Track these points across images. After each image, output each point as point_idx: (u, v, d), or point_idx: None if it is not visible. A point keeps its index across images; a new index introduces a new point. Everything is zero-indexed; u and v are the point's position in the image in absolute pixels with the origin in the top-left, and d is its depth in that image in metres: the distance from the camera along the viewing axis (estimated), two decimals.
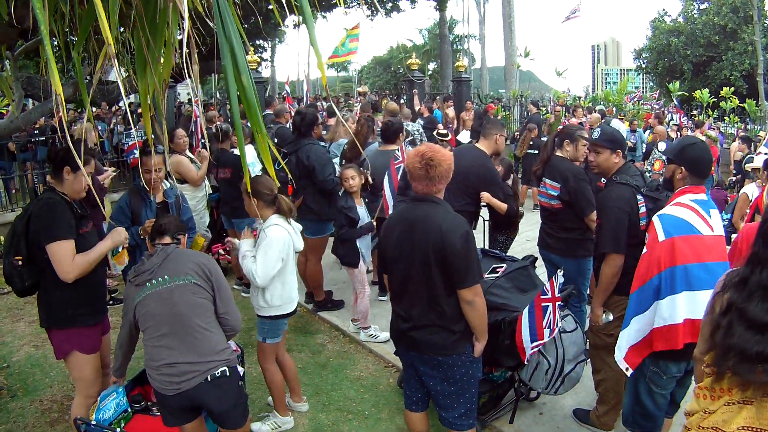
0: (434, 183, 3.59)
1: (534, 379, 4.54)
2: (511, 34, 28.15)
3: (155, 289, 3.50)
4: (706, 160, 3.75)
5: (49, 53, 1.57)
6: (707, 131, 14.92)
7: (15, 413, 5.08)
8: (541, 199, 5.61)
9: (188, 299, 3.50)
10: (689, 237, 3.47)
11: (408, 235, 3.62)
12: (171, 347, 3.45)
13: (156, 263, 3.56)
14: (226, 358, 3.55)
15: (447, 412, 3.80)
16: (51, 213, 3.81)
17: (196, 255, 3.69)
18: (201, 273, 3.58)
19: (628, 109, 18.89)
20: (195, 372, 3.42)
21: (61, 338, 4.05)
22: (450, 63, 31.94)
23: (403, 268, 3.67)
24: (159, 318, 3.48)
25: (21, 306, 7.30)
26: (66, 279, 3.76)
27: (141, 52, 2.11)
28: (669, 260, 3.45)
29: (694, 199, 3.62)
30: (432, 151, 3.59)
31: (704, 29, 37.53)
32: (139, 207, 4.58)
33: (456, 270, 3.48)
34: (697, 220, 3.54)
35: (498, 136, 6.04)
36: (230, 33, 1.80)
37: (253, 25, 15.33)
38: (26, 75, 10.63)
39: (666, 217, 3.57)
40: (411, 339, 3.71)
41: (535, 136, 12.63)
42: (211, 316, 3.59)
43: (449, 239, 3.45)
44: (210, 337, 3.50)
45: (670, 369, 3.67)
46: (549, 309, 4.02)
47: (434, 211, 3.60)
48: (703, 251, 3.47)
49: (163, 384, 3.45)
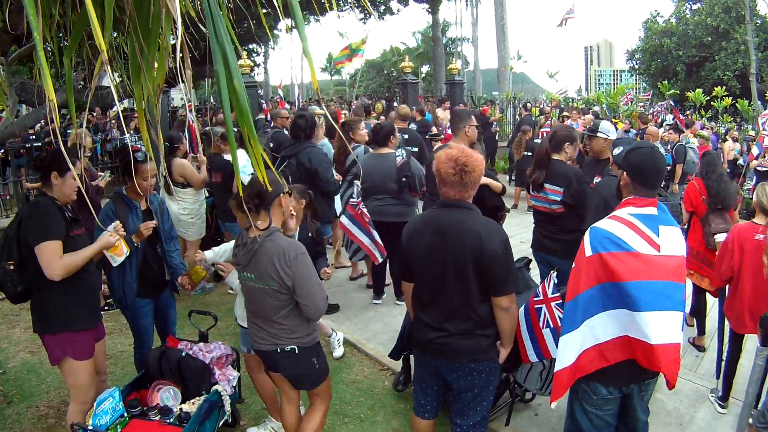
0: (467, 189, 3.51)
1: (529, 381, 4.56)
2: (504, 36, 28.17)
3: (245, 281, 3.87)
4: (652, 168, 3.37)
5: (41, 59, 1.57)
6: (699, 131, 14.94)
7: (11, 419, 5.07)
8: (539, 204, 5.56)
9: (268, 302, 3.77)
10: (618, 254, 3.13)
11: (439, 242, 3.51)
12: (255, 321, 3.93)
13: (245, 260, 3.76)
14: (298, 339, 3.86)
15: (463, 419, 3.76)
16: (40, 215, 3.84)
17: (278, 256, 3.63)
18: (279, 279, 3.65)
19: (622, 110, 18.91)
20: (269, 343, 3.88)
21: (54, 344, 4.05)
22: (443, 65, 32.08)
23: (434, 275, 3.57)
24: (250, 299, 3.94)
25: (17, 312, 7.28)
26: (53, 278, 3.79)
27: (135, 58, 2.12)
28: (594, 278, 3.18)
29: (635, 213, 3.29)
30: (466, 156, 3.47)
31: (697, 30, 37.67)
32: (125, 214, 4.55)
33: (495, 277, 3.43)
34: (632, 236, 3.19)
35: (467, 128, 5.93)
36: (222, 37, 1.81)
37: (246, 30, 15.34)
38: (20, 81, 10.61)
39: (596, 230, 3.26)
40: (442, 347, 3.62)
41: (529, 138, 12.67)
42: (288, 311, 3.80)
43: (489, 245, 3.37)
44: (284, 327, 3.82)
45: (599, 389, 3.40)
46: (543, 310, 4.02)
47: (468, 217, 3.51)
48: (630, 270, 3.10)
49: (252, 340, 4.01)
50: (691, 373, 5.87)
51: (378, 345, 6.26)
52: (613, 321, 3.21)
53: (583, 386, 3.46)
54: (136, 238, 4.53)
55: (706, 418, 5.11)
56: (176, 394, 4.30)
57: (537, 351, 4.11)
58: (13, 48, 5.04)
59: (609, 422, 3.56)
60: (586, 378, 3.36)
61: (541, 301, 4.02)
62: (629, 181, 3.41)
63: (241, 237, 3.88)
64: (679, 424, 5.03)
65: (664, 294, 3.12)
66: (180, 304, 5.49)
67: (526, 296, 4.38)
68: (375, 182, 6.75)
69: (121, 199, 4.64)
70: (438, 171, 3.52)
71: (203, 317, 4.92)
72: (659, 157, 3.46)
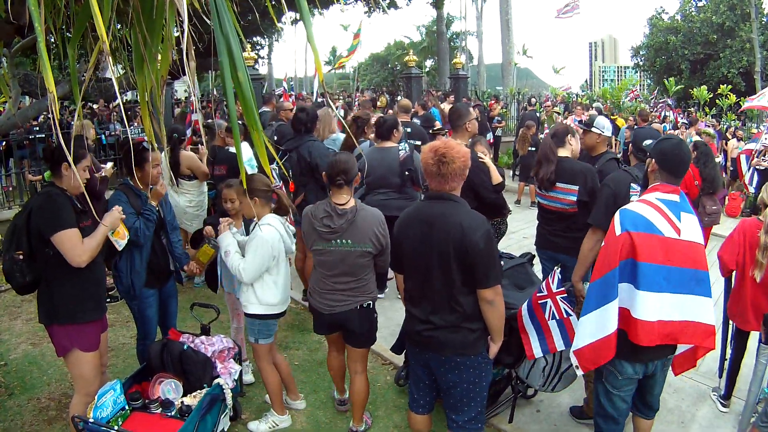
0: (447, 180, 3.50)
1: (531, 377, 4.55)
2: (509, 31, 28.17)
3: (339, 248, 4.25)
4: (678, 156, 3.58)
5: (42, 50, 1.56)
6: (704, 129, 14.92)
7: (12, 411, 5.08)
8: (552, 204, 5.39)
9: (360, 263, 4.29)
10: (647, 235, 3.37)
11: (426, 234, 3.53)
12: (339, 283, 4.33)
13: (344, 227, 4.21)
14: (372, 296, 4.46)
15: (457, 414, 3.74)
16: (52, 205, 3.83)
17: (374, 223, 4.28)
18: (376, 241, 4.28)
19: (626, 106, 18.91)
20: (349, 302, 4.35)
21: (62, 335, 4.04)
22: (447, 60, 32.01)
23: (421, 267, 3.59)
24: (335, 264, 4.30)
25: (18, 304, 7.29)
26: (79, 264, 3.82)
27: (138, 49, 2.11)
28: (627, 253, 3.37)
29: (661, 199, 3.50)
30: (446, 147, 3.49)
31: (702, 27, 37.52)
32: (137, 204, 4.58)
33: (478, 269, 3.41)
34: (659, 219, 3.42)
35: (467, 124, 5.87)
36: (227, 29, 1.79)
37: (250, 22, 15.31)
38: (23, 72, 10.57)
39: (626, 212, 3.47)
40: (429, 340, 3.62)
41: (533, 133, 12.64)
42: (370, 269, 4.43)
43: (471, 238, 3.37)
44: (365, 285, 4.39)
45: (626, 369, 3.58)
46: (548, 304, 4.03)
47: (453, 209, 3.51)
48: (661, 253, 3.37)
49: (321, 305, 4.40)
50: (693, 371, 5.84)
51: (380, 339, 6.20)
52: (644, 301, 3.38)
53: (609, 367, 3.60)
54: (155, 199, 4.59)
55: (707, 417, 5.10)
56: (178, 387, 4.30)
57: (543, 345, 4.12)
58: (17, 39, 5.03)
59: (628, 403, 3.79)
60: (613, 358, 3.48)
61: (545, 296, 4.02)
62: (657, 168, 3.60)
63: (324, 210, 4.27)
64: (680, 423, 5.02)
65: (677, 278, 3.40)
66: (182, 297, 5.49)
67: (529, 292, 4.38)
68: (378, 176, 6.72)
69: (130, 189, 4.65)
70: (421, 162, 3.61)
71: (205, 310, 4.91)
72: (686, 149, 3.65)
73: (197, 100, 3.42)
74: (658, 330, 3.36)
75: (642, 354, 3.48)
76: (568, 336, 4.03)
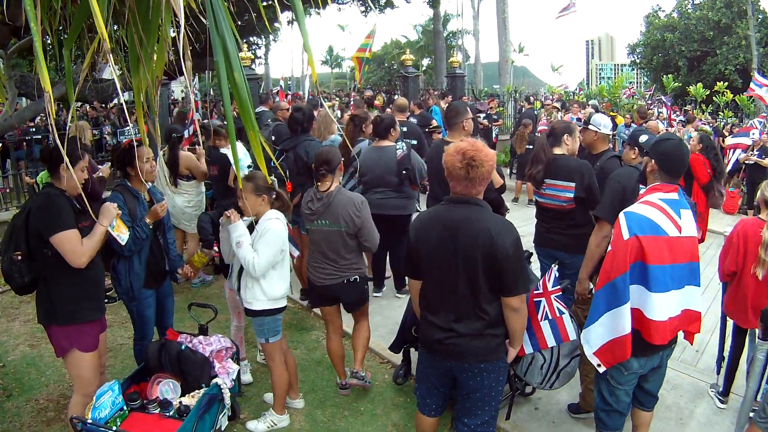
0: (474, 184, 3.37)
1: (529, 374, 4.55)
2: (505, 29, 28.12)
3: (319, 228, 4.89)
4: (679, 157, 3.59)
5: (38, 51, 1.56)
6: (702, 126, 14.95)
7: (11, 413, 5.07)
8: (548, 202, 5.40)
9: (338, 239, 4.87)
10: (654, 237, 3.39)
11: (449, 239, 3.38)
12: (326, 259, 4.94)
13: (320, 210, 4.83)
14: (358, 270, 5.02)
15: (471, 418, 3.66)
16: (51, 206, 3.83)
17: (349, 205, 4.79)
18: (350, 221, 4.78)
19: (623, 103, 18.89)
20: (336, 276, 4.94)
21: (61, 335, 4.04)
22: (444, 59, 32.02)
23: (444, 273, 3.44)
24: (320, 242, 4.94)
25: (16, 305, 7.28)
26: (79, 265, 3.82)
27: (134, 49, 2.11)
28: (635, 256, 3.39)
29: (663, 198, 3.54)
30: (475, 149, 3.33)
31: (698, 24, 37.60)
32: (133, 204, 4.58)
33: (507, 276, 3.32)
34: (664, 220, 3.46)
35: (464, 122, 5.81)
36: (223, 29, 1.80)
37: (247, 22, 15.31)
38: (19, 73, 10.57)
39: (631, 215, 3.47)
40: (451, 347, 3.50)
41: (530, 131, 12.66)
42: (353, 247, 4.94)
43: (501, 244, 3.27)
44: (350, 260, 4.96)
45: (631, 365, 3.60)
46: (542, 303, 4.03)
47: (479, 214, 3.39)
48: (667, 254, 3.43)
49: (314, 278, 5.02)
50: (691, 368, 5.87)
51: (378, 338, 6.24)
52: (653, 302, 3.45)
53: None
54: (151, 219, 4.56)
55: (705, 413, 5.11)
56: (176, 387, 4.30)
57: (534, 342, 4.12)
58: (13, 41, 5.02)
59: (630, 396, 3.86)
60: None
61: (540, 294, 4.03)
62: (656, 169, 3.63)
63: (310, 195, 4.94)
64: (678, 419, 5.03)
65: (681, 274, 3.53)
66: (180, 297, 5.49)
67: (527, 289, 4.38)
68: (375, 175, 6.72)
69: (127, 190, 4.65)
70: (445, 164, 3.41)
71: (203, 310, 4.91)
72: (685, 149, 3.69)
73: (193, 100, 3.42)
74: (669, 327, 3.47)
75: (650, 348, 3.55)
76: (560, 334, 4.04)
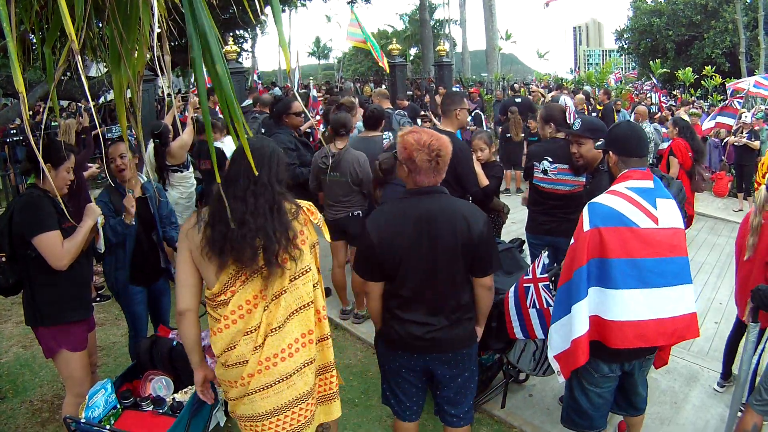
0: (441, 174, 3.34)
1: (522, 361, 4.57)
2: (492, 17, 28.15)
3: (331, 179, 6.20)
4: (634, 138, 3.48)
5: (11, 50, 1.53)
6: (691, 109, 15.02)
7: (5, 415, 5.06)
8: (554, 187, 5.35)
9: (346, 187, 6.20)
10: (618, 229, 3.22)
11: (426, 231, 3.27)
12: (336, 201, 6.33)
13: (333, 165, 6.13)
14: (361, 207, 6.33)
15: (457, 408, 3.64)
16: (33, 207, 3.80)
17: (354, 162, 6.10)
18: (354, 174, 6.10)
19: (611, 89, 18.92)
20: (344, 212, 6.32)
21: (49, 337, 4.03)
22: (431, 47, 31.89)
23: (422, 268, 3.31)
24: (332, 188, 6.28)
25: (8, 307, 7.25)
26: (60, 267, 3.77)
27: (114, 46, 2.09)
28: (597, 251, 3.23)
29: (632, 187, 3.35)
30: (438, 141, 3.27)
31: (686, 9, 37.56)
32: (119, 203, 4.55)
33: (484, 257, 3.33)
34: (632, 210, 3.26)
35: (458, 111, 5.59)
36: (202, 22, 1.78)
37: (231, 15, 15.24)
38: (5, 74, 10.51)
39: (594, 205, 3.31)
40: (431, 342, 3.40)
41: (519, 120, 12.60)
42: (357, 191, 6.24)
43: (476, 227, 3.25)
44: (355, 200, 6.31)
45: (601, 368, 3.49)
46: (531, 290, 4.03)
47: (450, 202, 3.35)
48: (636, 247, 3.23)
49: (329, 216, 6.33)
50: (685, 351, 5.89)
51: (371, 329, 6.24)
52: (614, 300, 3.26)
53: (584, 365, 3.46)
54: (127, 217, 4.52)
55: (700, 397, 5.14)
56: (168, 383, 4.29)
57: (523, 330, 4.13)
58: None
59: (607, 399, 3.65)
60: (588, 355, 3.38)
61: (530, 280, 4.03)
62: (617, 159, 3.51)
63: (324, 152, 6.20)
64: (673, 403, 5.05)
65: (654, 271, 3.24)
66: (172, 293, 5.46)
67: (517, 277, 4.38)
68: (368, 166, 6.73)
69: (114, 188, 4.63)
70: (410, 159, 3.27)
71: None
72: (637, 126, 3.62)
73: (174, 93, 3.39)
74: (632, 331, 3.25)
75: (617, 356, 3.39)
76: (547, 326, 4.05)
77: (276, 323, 3.01)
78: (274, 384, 3.05)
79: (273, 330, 3.01)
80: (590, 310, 3.29)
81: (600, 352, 3.36)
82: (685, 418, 4.88)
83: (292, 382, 3.09)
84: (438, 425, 4.62)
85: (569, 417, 3.78)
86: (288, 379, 3.07)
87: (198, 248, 2.94)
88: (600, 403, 3.63)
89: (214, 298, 3.03)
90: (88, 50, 2.74)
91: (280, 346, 3.03)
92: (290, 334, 3.06)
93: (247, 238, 2.84)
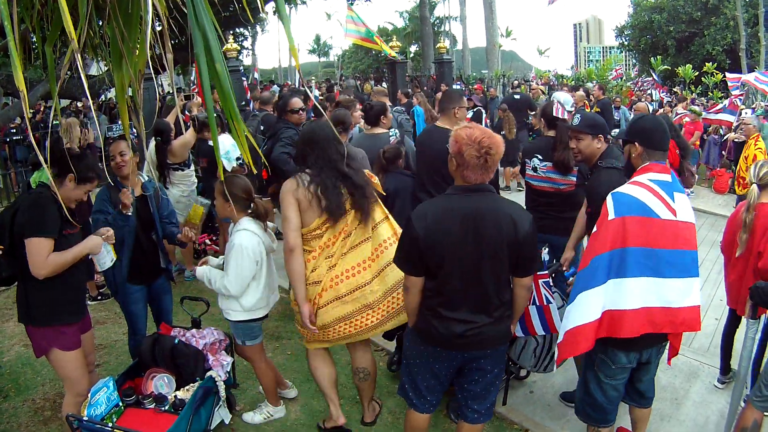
0: (490, 172, 3.31)
1: (523, 358, 4.57)
2: (492, 14, 28.13)
3: None
4: (660, 131, 3.52)
5: (12, 48, 1.54)
6: (692, 107, 15.00)
7: (8, 414, 5.07)
8: (546, 185, 5.37)
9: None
10: (642, 219, 3.27)
11: (473, 229, 3.25)
12: None
13: None
14: None
15: (480, 403, 3.67)
16: (38, 208, 3.77)
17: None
18: None
19: (611, 85, 18.92)
20: None
21: (39, 336, 4.01)
22: (431, 45, 31.85)
23: (467, 266, 3.30)
24: None
25: (10, 306, 7.23)
26: (37, 275, 3.73)
27: (116, 44, 2.10)
28: (619, 241, 3.27)
29: (654, 179, 3.39)
30: (490, 138, 3.25)
31: (686, 5, 37.44)
32: (117, 200, 4.55)
33: (527, 258, 3.35)
34: (654, 201, 3.31)
35: (456, 109, 5.62)
36: (203, 21, 1.78)
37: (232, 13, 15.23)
38: (5, 73, 10.49)
39: (619, 195, 3.37)
40: (474, 338, 3.41)
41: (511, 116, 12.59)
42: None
43: (522, 228, 3.25)
44: None
45: (619, 358, 3.51)
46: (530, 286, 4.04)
47: (499, 202, 3.37)
48: (655, 236, 3.28)
49: None
50: (686, 347, 5.89)
51: None
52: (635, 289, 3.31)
53: (600, 356, 3.54)
54: (124, 208, 4.52)
55: (700, 393, 5.15)
56: (170, 381, 4.30)
57: (523, 327, 4.14)
58: None
59: (620, 391, 3.71)
60: (605, 346, 3.45)
61: None
62: (641, 151, 3.52)
63: None
64: (674, 399, 5.06)
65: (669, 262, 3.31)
66: (173, 291, 5.47)
67: None
68: (365, 162, 6.71)
69: (114, 186, 4.63)
70: (459, 153, 3.26)
71: (196, 303, 4.90)
72: (662, 120, 3.65)
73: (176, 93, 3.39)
74: (642, 317, 3.30)
75: (635, 343, 3.41)
76: (547, 323, 4.05)
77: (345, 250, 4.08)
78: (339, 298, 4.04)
79: (343, 254, 4.06)
80: (605, 305, 3.32)
81: (618, 342, 3.40)
82: (686, 414, 4.90)
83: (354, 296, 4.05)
84: (438, 420, 4.65)
85: (584, 410, 3.85)
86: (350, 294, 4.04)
87: (306, 199, 3.90)
88: (614, 396, 3.69)
89: (310, 233, 4.00)
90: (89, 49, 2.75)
91: (345, 267, 4.05)
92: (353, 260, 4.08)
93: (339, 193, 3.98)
